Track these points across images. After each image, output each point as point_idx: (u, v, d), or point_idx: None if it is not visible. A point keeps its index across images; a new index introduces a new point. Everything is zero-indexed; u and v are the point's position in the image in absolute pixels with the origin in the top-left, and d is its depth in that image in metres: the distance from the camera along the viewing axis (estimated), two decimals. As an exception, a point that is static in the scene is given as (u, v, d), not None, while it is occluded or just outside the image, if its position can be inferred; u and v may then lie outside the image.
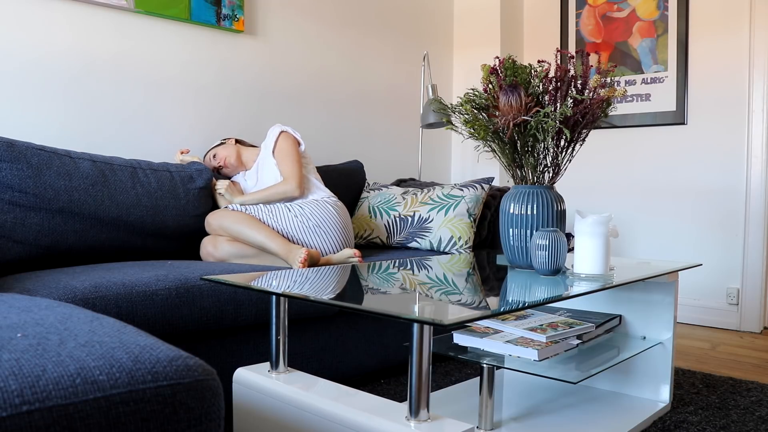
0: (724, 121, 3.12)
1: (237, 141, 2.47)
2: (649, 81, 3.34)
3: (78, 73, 2.24)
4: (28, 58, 2.12)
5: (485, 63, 1.74)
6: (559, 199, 1.69)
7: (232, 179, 2.42)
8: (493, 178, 2.69)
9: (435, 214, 2.54)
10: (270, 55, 2.85)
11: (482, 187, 2.57)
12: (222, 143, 2.44)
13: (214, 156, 2.39)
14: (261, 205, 2.17)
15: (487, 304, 1.14)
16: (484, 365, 1.49)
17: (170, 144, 2.49)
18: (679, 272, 1.95)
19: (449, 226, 2.47)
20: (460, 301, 1.17)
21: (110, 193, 1.93)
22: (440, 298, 1.19)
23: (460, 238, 2.45)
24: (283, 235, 2.13)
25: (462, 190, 2.54)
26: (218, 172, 2.41)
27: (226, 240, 2.08)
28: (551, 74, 1.71)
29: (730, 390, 2.05)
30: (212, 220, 2.09)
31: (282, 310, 1.37)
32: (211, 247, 2.08)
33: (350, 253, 2.11)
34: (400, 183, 3.05)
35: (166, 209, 2.06)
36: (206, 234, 2.20)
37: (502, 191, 2.80)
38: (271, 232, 2.04)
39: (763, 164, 3.01)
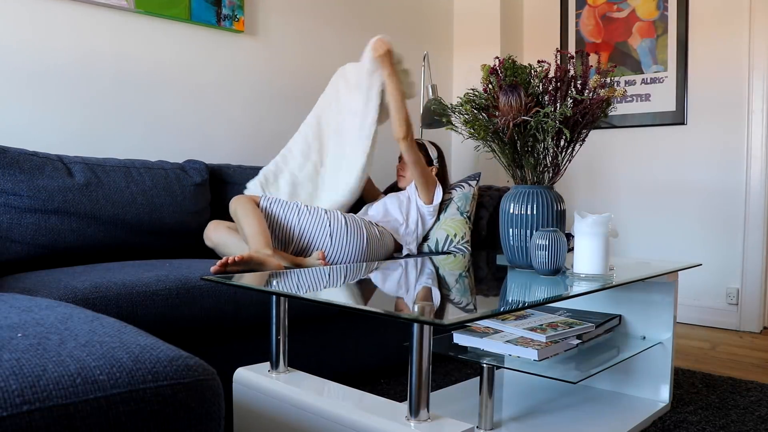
0: (723, 121, 3.13)
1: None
2: (648, 81, 3.34)
3: (78, 74, 2.24)
4: (28, 58, 2.12)
5: (485, 63, 1.74)
6: (559, 199, 1.70)
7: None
8: (480, 173, 2.69)
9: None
10: (270, 56, 2.85)
11: (469, 184, 2.59)
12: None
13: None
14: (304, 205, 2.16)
15: (487, 304, 1.14)
16: (484, 365, 1.49)
17: (170, 144, 2.49)
18: (678, 272, 1.95)
19: (443, 228, 2.47)
20: (460, 301, 1.17)
21: (105, 193, 1.93)
22: (440, 298, 1.19)
23: (456, 235, 2.45)
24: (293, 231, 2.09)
25: (450, 192, 2.56)
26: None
27: (227, 227, 2.08)
28: (551, 74, 1.71)
29: (730, 390, 2.05)
30: (232, 202, 2.05)
31: (282, 310, 1.37)
32: (211, 228, 2.09)
33: (317, 255, 2.04)
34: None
35: (163, 207, 2.06)
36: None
37: (502, 191, 2.80)
38: (255, 232, 1.94)
39: (762, 164, 3.01)
